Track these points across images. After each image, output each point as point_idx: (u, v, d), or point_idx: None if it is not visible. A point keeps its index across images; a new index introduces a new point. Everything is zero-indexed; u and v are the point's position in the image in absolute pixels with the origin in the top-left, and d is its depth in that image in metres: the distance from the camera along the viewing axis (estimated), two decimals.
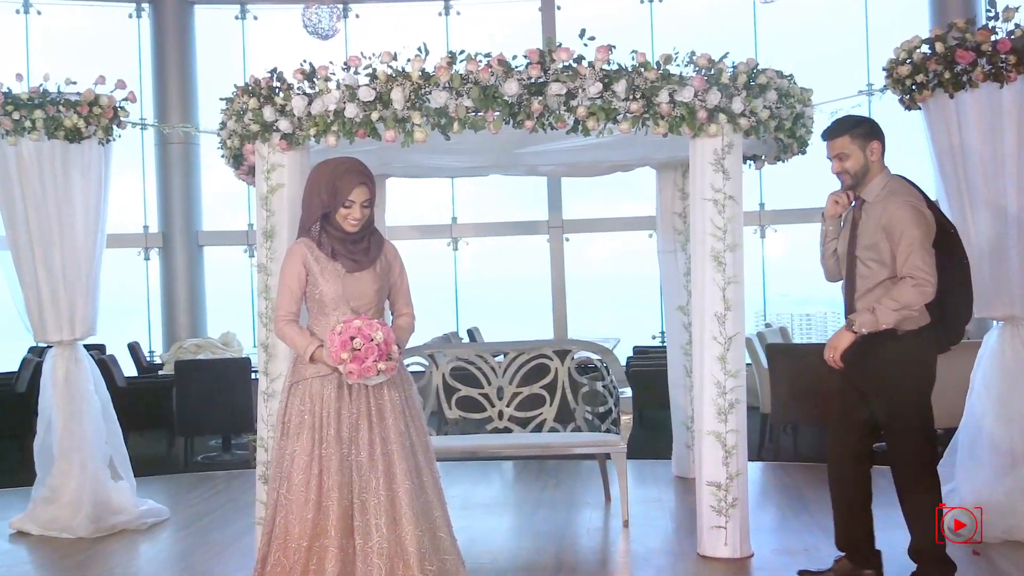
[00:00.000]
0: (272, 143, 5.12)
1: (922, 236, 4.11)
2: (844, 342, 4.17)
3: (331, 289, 4.04)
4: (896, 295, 4.10)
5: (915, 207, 4.16)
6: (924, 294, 4.08)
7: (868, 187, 4.30)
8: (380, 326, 3.89)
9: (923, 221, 4.14)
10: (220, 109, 5.54)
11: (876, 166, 4.28)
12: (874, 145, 4.27)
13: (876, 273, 4.22)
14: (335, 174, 4.03)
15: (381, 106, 4.80)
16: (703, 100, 4.85)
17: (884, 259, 4.19)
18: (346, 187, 4.01)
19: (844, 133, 4.28)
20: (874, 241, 4.21)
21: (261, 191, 5.22)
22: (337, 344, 3.85)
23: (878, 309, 4.10)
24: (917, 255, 4.08)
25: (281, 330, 4.11)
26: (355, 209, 4.03)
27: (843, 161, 4.28)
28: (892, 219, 4.15)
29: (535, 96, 4.74)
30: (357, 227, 4.06)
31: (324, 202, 4.03)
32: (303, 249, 4.09)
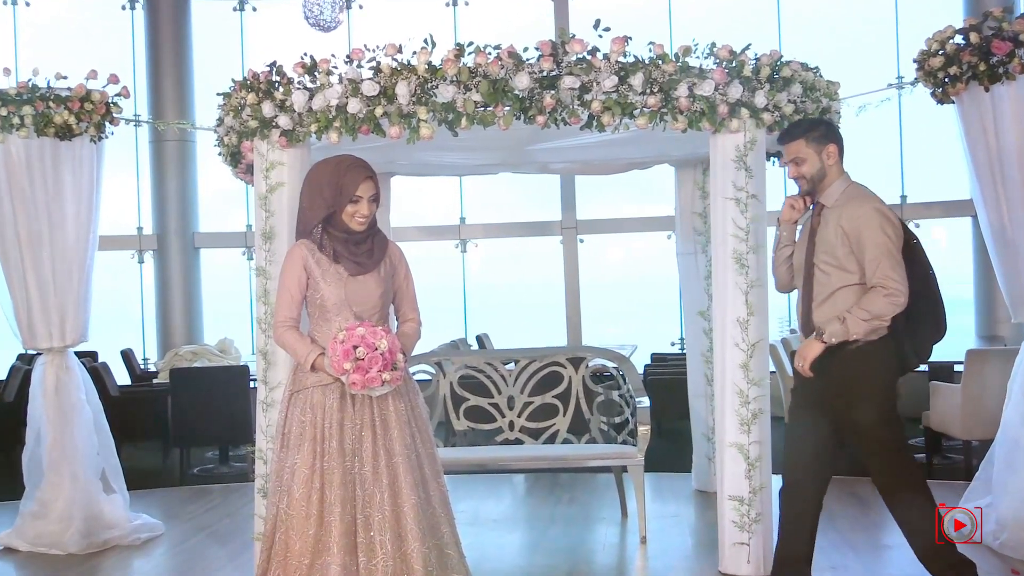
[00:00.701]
0: (271, 140, 5.12)
1: (890, 243, 4.13)
2: (813, 352, 4.20)
3: (333, 293, 4.05)
4: (866, 304, 4.11)
5: (882, 211, 4.19)
6: (895, 304, 4.09)
7: (827, 192, 4.31)
8: (385, 333, 3.89)
9: (891, 227, 4.16)
10: (217, 105, 5.56)
11: (834, 170, 4.30)
12: (830, 148, 4.28)
13: (834, 280, 4.23)
14: (339, 170, 4.04)
15: (385, 101, 4.80)
16: (724, 94, 4.84)
17: (844, 265, 4.20)
18: (352, 182, 4.02)
19: (799, 136, 4.30)
20: (833, 247, 4.22)
21: (260, 190, 5.23)
22: (340, 353, 3.85)
23: (848, 319, 4.11)
24: (887, 263, 4.10)
25: (280, 337, 4.12)
26: (363, 205, 4.04)
27: (799, 166, 4.30)
28: (857, 224, 4.16)
29: (547, 90, 4.73)
30: (364, 225, 4.07)
31: (328, 201, 4.03)
32: (303, 251, 4.09)
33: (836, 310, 4.21)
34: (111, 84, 6.17)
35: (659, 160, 6.71)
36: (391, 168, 6.57)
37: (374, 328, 3.91)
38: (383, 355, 3.85)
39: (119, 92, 6.21)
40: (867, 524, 6.08)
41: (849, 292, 4.19)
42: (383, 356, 3.85)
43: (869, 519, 6.17)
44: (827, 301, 4.22)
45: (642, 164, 6.68)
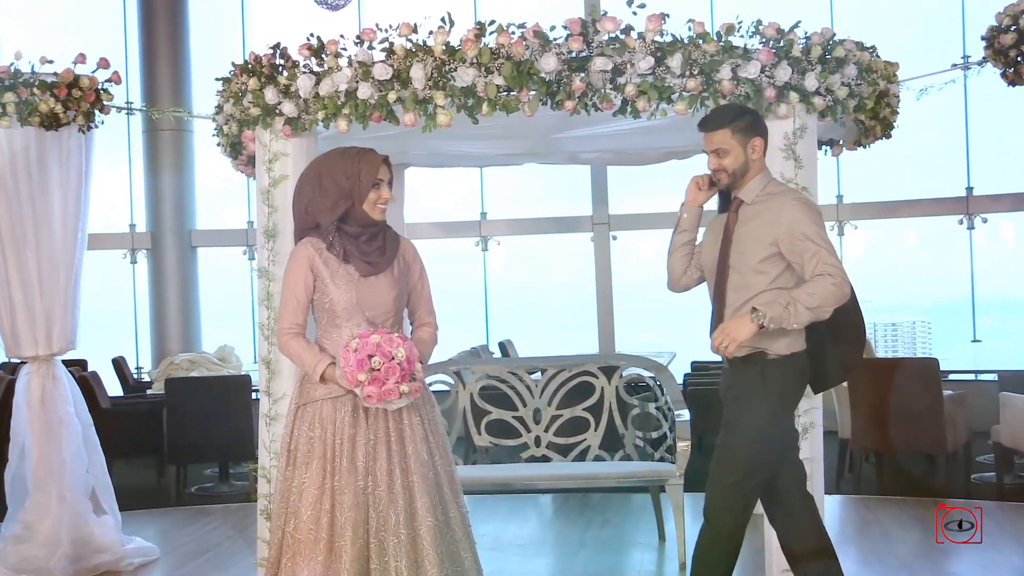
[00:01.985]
0: (275, 129, 5.15)
1: (825, 233, 4.14)
2: (744, 332, 4.07)
3: (343, 297, 4.06)
4: (813, 289, 4.05)
5: (809, 203, 4.20)
6: (842, 293, 4.06)
7: (746, 187, 4.27)
8: (402, 341, 3.90)
9: (821, 219, 4.17)
10: (216, 91, 5.58)
11: (757, 165, 4.27)
12: (756, 142, 4.24)
13: (753, 284, 4.19)
14: (351, 157, 4.08)
15: (399, 85, 4.81)
16: (771, 76, 4.83)
17: (765, 269, 4.18)
18: (371, 166, 4.05)
19: (724, 126, 4.24)
20: (753, 248, 4.19)
21: (262, 184, 5.25)
22: (353, 364, 3.85)
23: (792, 304, 4.04)
24: (826, 252, 4.08)
25: (286, 345, 4.13)
26: (384, 189, 4.08)
27: (721, 158, 4.25)
28: (786, 220, 4.12)
29: (576, 73, 4.74)
30: (384, 212, 4.11)
31: (346, 191, 4.04)
32: (310, 251, 4.10)
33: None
34: (101, 69, 6.20)
35: (700, 149, 6.65)
36: (405, 159, 6.58)
37: (390, 335, 3.91)
38: (400, 365, 3.85)
39: (110, 78, 6.24)
40: (928, 549, 6.04)
41: (775, 295, 4.14)
42: (400, 366, 3.85)
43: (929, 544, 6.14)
44: (744, 307, 4.17)
45: (681, 153, 6.68)
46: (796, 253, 4.09)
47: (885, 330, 14.41)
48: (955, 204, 11.46)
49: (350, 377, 3.86)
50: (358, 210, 4.07)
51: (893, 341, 14.47)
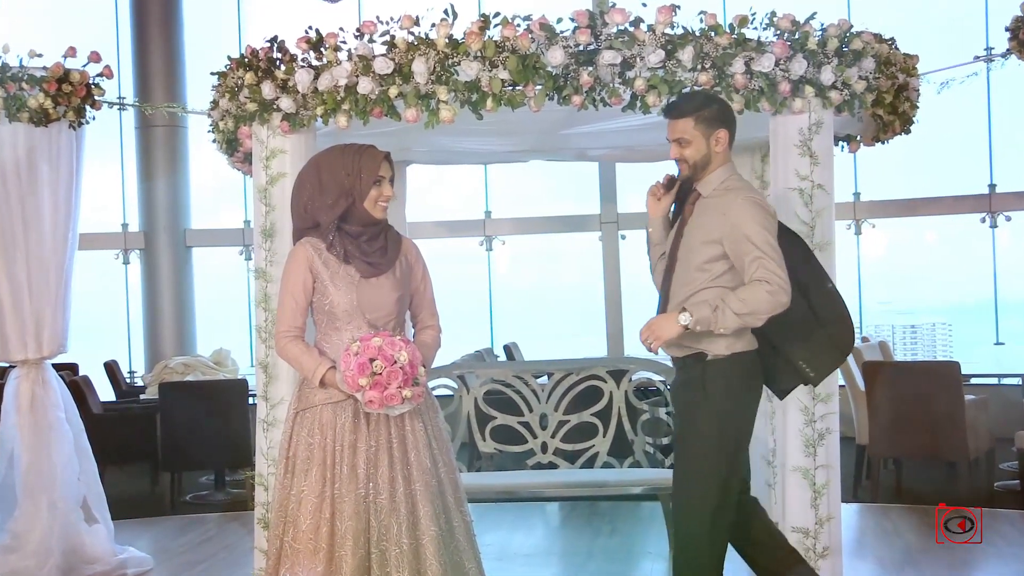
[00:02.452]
0: (272, 125, 5.17)
1: (772, 238, 4.11)
2: (666, 332, 4.12)
3: (343, 299, 4.06)
4: (745, 295, 4.06)
5: (760, 204, 4.17)
6: (778, 303, 4.05)
7: (705, 180, 4.28)
8: (404, 344, 3.90)
9: (771, 221, 4.14)
10: (211, 86, 5.59)
11: (720, 158, 4.26)
12: (720, 134, 4.24)
13: (694, 280, 4.21)
14: (352, 153, 4.09)
15: (401, 80, 4.83)
16: (786, 70, 4.83)
17: (708, 266, 4.19)
18: (372, 162, 4.06)
19: (688, 114, 4.24)
20: (700, 244, 4.20)
21: (259, 182, 5.27)
22: (354, 368, 3.86)
23: (721, 308, 4.06)
24: (769, 258, 4.06)
25: (284, 348, 4.14)
26: (386, 186, 4.10)
27: (683, 147, 4.26)
28: (733, 218, 4.12)
29: (584, 66, 4.74)
30: (386, 211, 4.12)
31: (346, 189, 4.05)
32: (309, 251, 4.10)
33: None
34: (92, 63, 6.21)
35: None
36: (407, 156, 6.59)
37: (392, 338, 3.92)
38: (403, 369, 3.85)
39: (101, 72, 6.25)
40: (951, 560, 6.04)
41: (712, 294, 4.16)
42: (403, 370, 3.85)
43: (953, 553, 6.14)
44: (685, 303, 4.18)
45: None
46: (737, 255, 4.11)
47: (904, 332, 14.40)
48: (977, 202, 11.44)
49: (351, 381, 3.86)
50: (359, 208, 4.07)
51: (912, 344, 14.46)
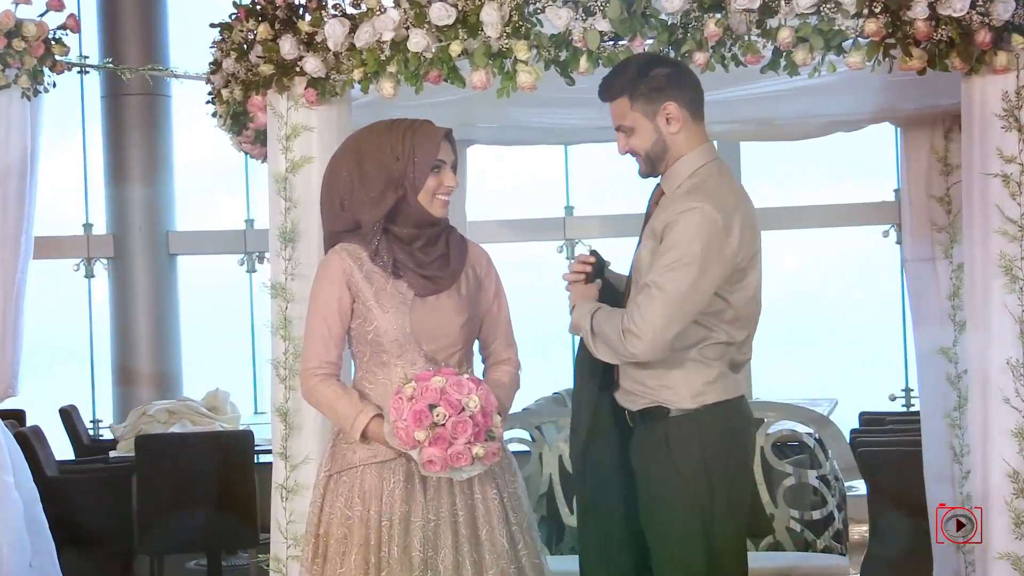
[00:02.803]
0: (294, 94, 5.18)
1: (694, 271, 4.08)
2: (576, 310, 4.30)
3: (392, 324, 4.09)
4: (613, 321, 4.13)
5: (706, 217, 4.12)
6: (626, 352, 4.09)
7: (670, 172, 4.32)
8: (474, 386, 3.90)
9: (707, 245, 4.10)
10: (211, 41, 5.62)
11: (681, 140, 4.30)
12: (668, 107, 4.25)
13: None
14: (402, 132, 4.15)
15: (466, 33, 4.82)
16: (986, 13, 4.74)
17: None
18: (430, 142, 4.12)
19: (621, 92, 4.28)
20: (646, 256, 4.25)
21: (277, 169, 5.28)
22: (408, 417, 3.86)
23: (597, 316, 4.16)
24: (660, 296, 4.05)
25: (313, 390, 4.16)
26: (447, 174, 4.13)
27: (628, 137, 4.31)
28: (672, 223, 4.14)
29: (710, 13, 4.72)
30: (446, 207, 4.17)
31: (395, 178, 4.07)
32: (346, 262, 4.14)
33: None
34: (52, 11, 6.22)
35: (877, 118, 6.64)
36: (468, 134, 6.61)
37: (458, 377, 3.92)
38: (473, 418, 3.85)
39: (64, 24, 6.26)
40: None
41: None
42: (473, 420, 3.85)
43: None
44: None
45: (850, 123, 6.64)
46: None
47: None
48: None
49: (404, 435, 3.86)
50: (412, 204, 4.10)
51: None
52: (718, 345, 4.31)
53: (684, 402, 4.21)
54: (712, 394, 4.23)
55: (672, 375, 4.19)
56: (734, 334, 4.36)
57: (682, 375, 4.19)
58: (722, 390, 4.26)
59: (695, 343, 4.24)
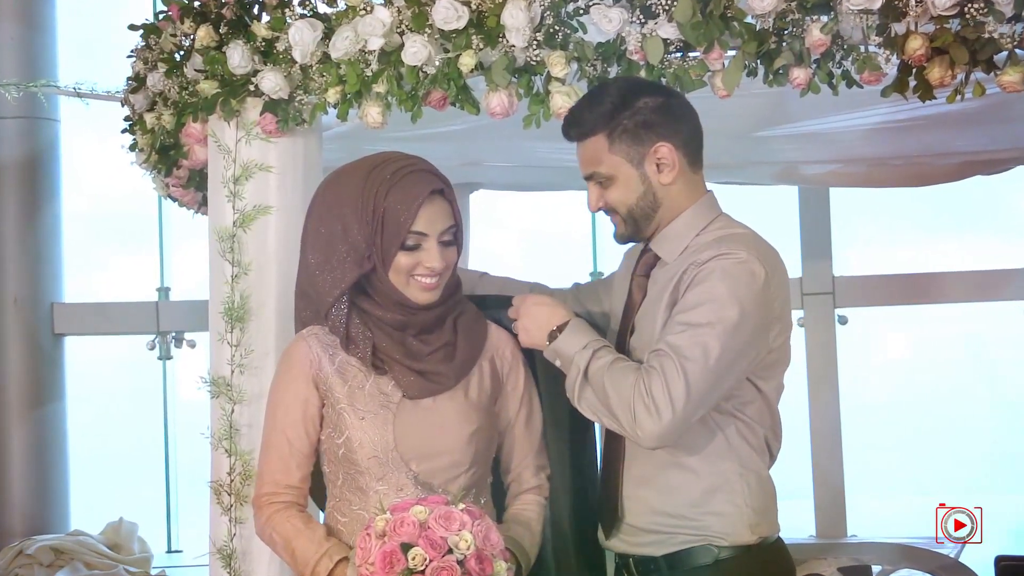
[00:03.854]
0: (246, 120, 5.21)
1: (732, 333, 4.04)
2: (535, 331, 4.22)
3: (371, 435, 4.12)
4: (624, 377, 4.03)
5: (750, 268, 4.11)
6: (634, 432, 4.00)
7: (666, 235, 4.30)
8: (469, 520, 3.87)
9: (759, 300, 4.10)
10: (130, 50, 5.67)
11: (676, 193, 4.28)
12: (661, 150, 4.23)
13: None
14: (378, 179, 4.11)
15: (481, 41, 4.83)
16: None
17: None
18: (407, 200, 4.08)
19: (596, 129, 4.26)
20: (652, 332, 4.22)
21: (221, 222, 5.29)
22: (376, 561, 3.84)
23: (599, 360, 4.08)
24: (689, 364, 3.98)
25: (268, 524, 4.21)
26: (430, 250, 4.10)
27: (605, 189, 4.28)
28: (700, 276, 4.11)
29: (814, 15, 4.72)
30: (435, 290, 4.14)
31: (360, 246, 4.07)
32: (314, 351, 4.17)
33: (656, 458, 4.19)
34: None
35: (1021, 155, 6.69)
36: (471, 176, 6.64)
37: (447, 509, 3.89)
38: (465, 564, 3.82)
39: None
40: None
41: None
42: (464, 566, 3.82)
43: None
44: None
45: (994, 164, 6.65)
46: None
47: None
48: None
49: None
50: (383, 282, 4.09)
51: None
52: (765, 457, 4.33)
53: (741, 535, 4.19)
54: (766, 525, 4.24)
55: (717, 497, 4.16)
56: (772, 441, 4.36)
57: (729, 495, 4.17)
58: (773, 521, 4.29)
59: (737, 449, 4.23)
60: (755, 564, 4.18)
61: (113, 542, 10.65)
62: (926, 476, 13.88)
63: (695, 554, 4.17)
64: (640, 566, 4.26)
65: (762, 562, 4.20)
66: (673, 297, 4.14)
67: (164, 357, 12.43)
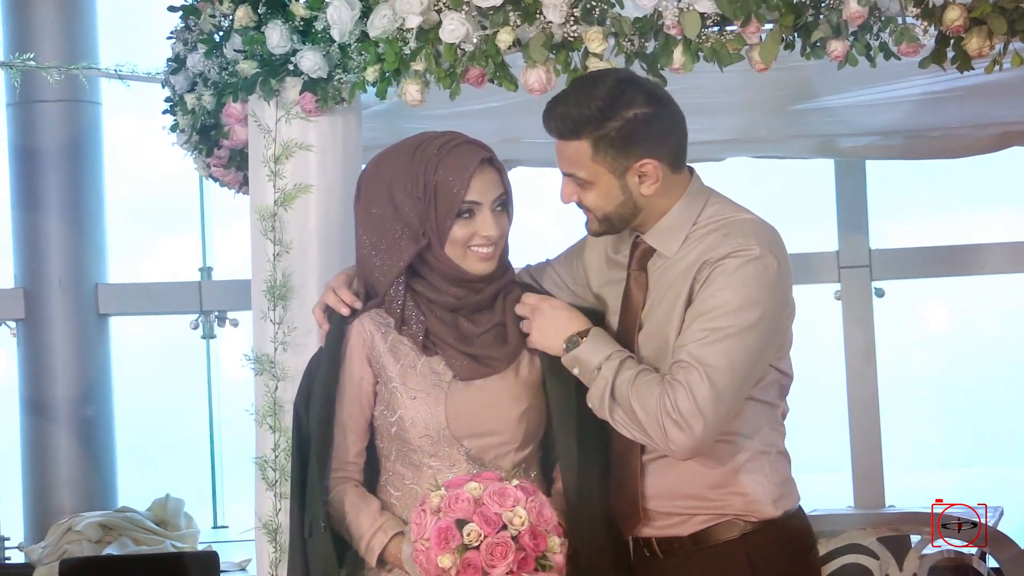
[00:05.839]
0: (286, 100, 5.19)
1: (754, 335, 3.99)
2: (549, 337, 4.16)
3: (423, 414, 4.09)
4: (651, 391, 3.96)
5: (764, 262, 4.02)
6: (666, 445, 3.97)
7: (660, 226, 4.18)
8: (523, 495, 3.86)
9: (776, 295, 4.06)
10: (169, 31, 5.68)
11: (657, 200, 4.14)
12: (647, 166, 4.08)
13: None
14: (428, 154, 4.10)
15: (519, 18, 4.81)
16: None
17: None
18: (460, 171, 4.07)
19: (581, 133, 4.10)
20: (669, 326, 4.13)
21: (262, 201, 5.29)
22: (432, 537, 3.82)
23: (624, 375, 4.00)
24: (712, 371, 3.92)
25: None
26: (484, 218, 4.08)
27: (582, 189, 4.15)
28: (720, 276, 4.02)
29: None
30: (491, 261, 4.13)
31: (414, 220, 4.05)
32: (366, 330, 4.15)
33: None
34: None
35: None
36: (510, 153, 6.62)
37: (502, 485, 3.87)
38: (518, 539, 3.81)
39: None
40: None
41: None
42: (518, 542, 3.81)
43: None
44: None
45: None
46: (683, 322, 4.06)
47: None
48: None
49: (424, 561, 3.83)
50: (440, 258, 4.06)
51: None
52: (781, 429, 4.32)
53: (766, 508, 4.17)
54: (790, 498, 4.24)
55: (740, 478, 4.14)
56: (785, 411, 4.35)
57: (751, 475, 4.15)
58: (795, 494, 4.28)
59: (757, 430, 4.21)
60: (779, 535, 4.17)
61: (160, 518, 10.66)
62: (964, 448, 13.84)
63: (721, 529, 4.16)
64: (664, 545, 4.23)
65: (786, 532, 4.19)
66: (688, 297, 4.07)
67: (207, 336, 12.44)
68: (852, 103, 5.85)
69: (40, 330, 12.59)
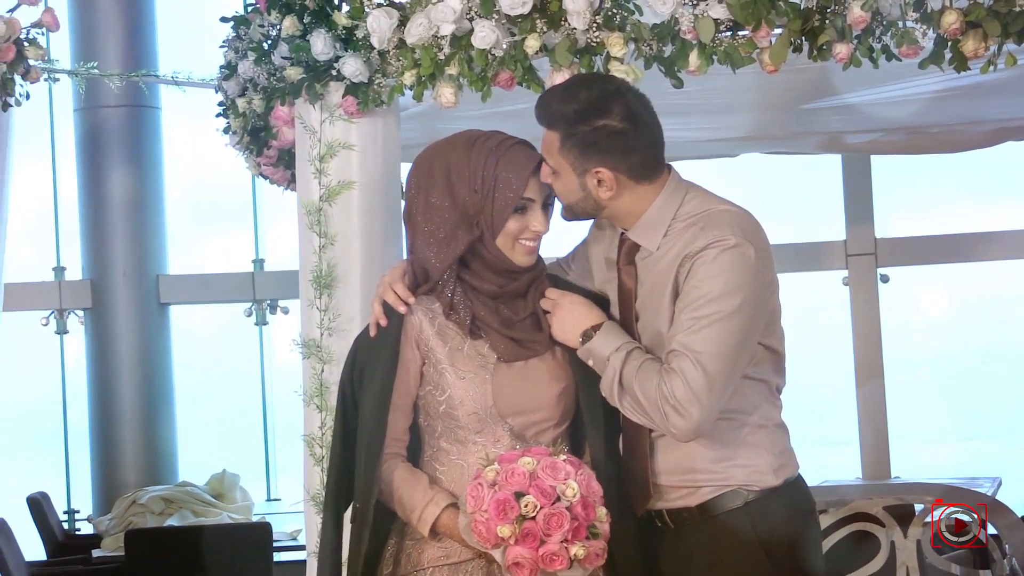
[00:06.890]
0: (329, 103, 5.20)
1: (738, 319, 3.97)
2: (568, 328, 4.14)
3: (471, 393, 4.06)
4: (651, 380, 3.97)
5: (742, 252, 4.00)
6: (667, 429, 3.98)
7: (641, 222, 4.15)
8: (572, 469, 3.85)
9: (755, 282, 4.02)
10: (222, 41, 5.67)
11: (625, 203, 4.12)
12: (601, 174, 4.05)
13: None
14: (490, 153, 4.08)
15: (545, 24, 4.81)
16: None
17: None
18: (519, 176, 4.04)
19: (555, 124, 4.10)
20: (662, 318, 4.12)
21: (308, 197, 5.30)
22: (491, 508, 3.81)
23: (630, 365, 4.00)
24: (705, 359, 3.92)
25: None
26: (535, 215, 4.07)
27: (554, 176, 4.12)
28: (696, 266, 4.01)
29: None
30: (535, 253, 4.13)
31: (470, 212, 4.04)
32: (415, 314, 4.11)
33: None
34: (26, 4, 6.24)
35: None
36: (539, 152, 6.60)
37: (552, 460, 3.86)
38: (571, 510, 3.80)
39: (40, 21, 6.29)
40: None
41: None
42: (572, 512, 3.80)
43: None
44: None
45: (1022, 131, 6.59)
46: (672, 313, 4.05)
47: None
48: None
49: (485, 531, 3.81)
50: (490, 248, 4.05)
51: None
52: (777, 403, 4.30)
53: (766, 477, 4.17)
54: (789, 467, 4.23)
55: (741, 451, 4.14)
56: (781, 385, 4.33)
57: (752, 448, 4.15)
58: (793, 462, 4.27)
59: (755, 406, 4.21)
60: (781, 501, 4.17)
61: (217, 492, 10.66)
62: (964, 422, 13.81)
63: (726, 499, 4.15)
64: (674, 516, 4.22)
65: (787, 499, 4.18)
66: (674, 289, 4.07)
67: (260, 323, 12.43)
68: (858, 102, 5.84)
69: (106, 318, 12.60)
